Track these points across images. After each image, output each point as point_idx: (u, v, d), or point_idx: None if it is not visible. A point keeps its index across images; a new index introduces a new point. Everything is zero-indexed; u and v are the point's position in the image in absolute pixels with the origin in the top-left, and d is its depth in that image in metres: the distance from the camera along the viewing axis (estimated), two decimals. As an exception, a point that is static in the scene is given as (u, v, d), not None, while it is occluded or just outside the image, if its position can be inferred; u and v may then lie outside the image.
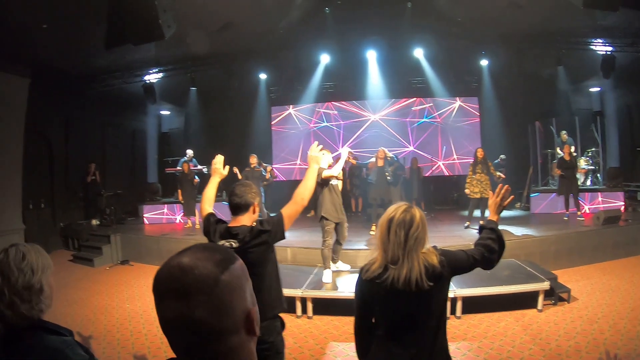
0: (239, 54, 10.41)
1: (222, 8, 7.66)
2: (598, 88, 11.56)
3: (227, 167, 2.71)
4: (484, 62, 11.05)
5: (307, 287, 4.95)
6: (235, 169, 8.13)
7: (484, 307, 4.68)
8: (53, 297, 1.28)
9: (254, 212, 2.30)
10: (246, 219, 2.27)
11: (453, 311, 4.62)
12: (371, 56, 11.10)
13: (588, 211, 8.81)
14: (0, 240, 6.67)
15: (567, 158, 8.16)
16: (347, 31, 9.92)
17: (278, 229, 2.25)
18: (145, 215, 10.21)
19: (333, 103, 12.42)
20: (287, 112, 12.66)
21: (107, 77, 10.10)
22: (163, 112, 13.61)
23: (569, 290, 4.94)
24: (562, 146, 9.09)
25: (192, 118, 12.62)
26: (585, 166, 9.77)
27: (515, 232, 6.82)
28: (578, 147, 9.93)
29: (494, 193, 1.96)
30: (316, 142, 2.60)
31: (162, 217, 10.23)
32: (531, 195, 9.73)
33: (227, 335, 0.72)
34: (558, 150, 9.76)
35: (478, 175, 7.64)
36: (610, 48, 9.20)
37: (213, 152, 2.76)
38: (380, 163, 7.43)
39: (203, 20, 7.78)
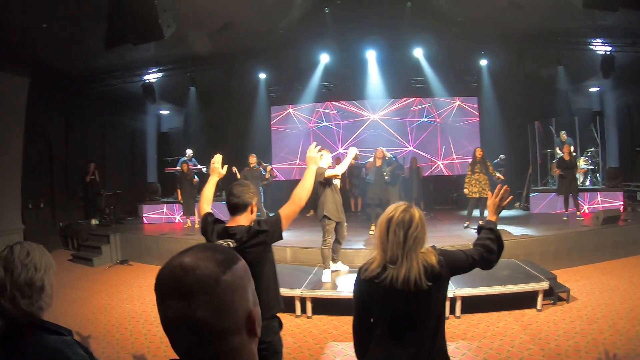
0: (239, 54, 10.41)
1: (222, 8, 7.67)
2: (598, 88, 11.57)
3: (226, 167, 2.71)
4: (484, 62, 11.05)
5: (307, 287, 4.95)
6: (234, 169, 8.13)
7: (484, 307, 4.68)
8: (53, 297, 1.28)
9: (252, 212, 2.30)
10: (244, 219, 2.27)
11: (452, 311, 4.63)
12: (371, 56, 11.11)
13: (587, 211, 8.82)
14: (-1, 239, 6.69)
15: (567, 158, 8.16)
16: (347, 31, 9.93)
17: (276, 229, 2.25)
18: (144, 215, 10.21)
19: (333, 103, 12.42)
20: (287, 112, 12.67)
21: (107, 77, 10.10)
22: (163, 112, 13.61)
23: (569, 290, 4.94)
24: (562, 146, 9.10)
25: (192, 118, 12.62)
26: (584, 166, 9.78)
27: (514, 232, 6.82)
28: (577, 147, 9.94)
29: (493, 193, 1.96)
30: (314, 143, 2.60)
31: (162, 217, 10.24)
32: (530, 195, 9.74)
33: (229, 335, 0.71)
34: (557, 150, 9.77)
35: (477, 175, 7.64)
36: (609, 48, 9.20)
37: (212, 152, 2.76)
38: (378, 163, 7.43)
39: (203, 20, 7.79)
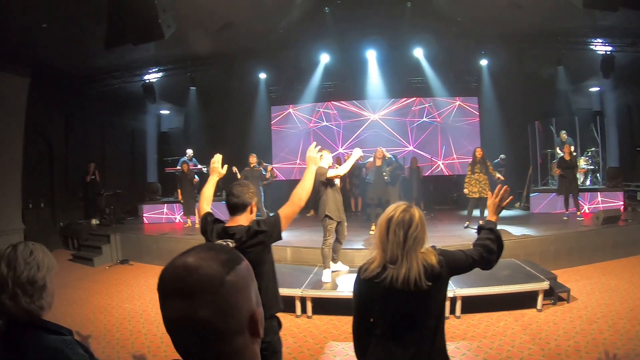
0: (239, 54, 10.41)
1: (222, 8, 7.67)
2: (598, 88, 11.58)
3: (226, 166, 2.71)
4: (484, 62, 11.05)
5: (307, 287, 4.95)
6: (234, 169, 8.14)
7: (484, 307, 4.68)
8: (54, 298, 1.29)
9: (252, 212, 2.31)
10: (243, 219, 2.28)
11: (453, 311, 4.63)
12: (371, 56, 11.11)
13: (587, 211, 8.81)
14: (-1, 239, 6.69)
15: (567, 158, 8.15)
16: (347, 31, 9.93)
17: (275, 230, 2.25)
18: (144, 214, 10.22)
19: (333, 103, 12.42)
20: (287, 112, 12.66)
21: (107, 77, 10.10)
22: (163, 112, 13.62)
23: (569, 290, 4.94)
24: (562, 146, 9.10)
25: (192, 117, 12.62)
26: (584, 166, 9.77)
27: (514, 232, 6.82)
28: (578, 147, 9.93)
29: (493, 193, 1.96)
30: (314, 143, 2.60)
31: (162, 217, 10.24)
32: (531, 195, 9.73)
33: (231, 336, 0.71)
34: (558, 150, 9.77)
35: (477, 175, 7.64)
36: (609, 48, 9.20)
37: (213, 152, 2.76)
38: (378, 163, 7.43)
39: (203, 20, 7.79)
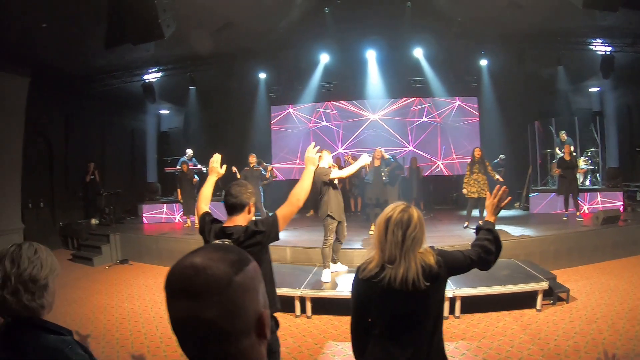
0: (239, 54, 10.40)
1: (222, 8, 7.66)
2: (597, 88, 11.58)
3: (225, 166, 2.71)
4: (484, 62, 11.04)
5: (306, 287, 4.96)
6: (233, 168, 8.14)
7: (483, 307, 4.68)
8: (54, 299, 1.29)
9: (249, 213, 2.31)
10: (241, 219, 2.28)
11: (452, 311, 4.63)
12: (371, 56, 11.11)
13: (587, 211, 8.82)
14: (-1, 239, 6.70)
15: (568, 158, 8.14)
16: (347, 31, 9.92)
17: (272, 230, 2.26)
18: (144, 214, 10.22)
19: (332, 102, 12.43)
20: (287, 112, 12.67)
21: (107, 77, 10.10)
22: (162, 112, 13.61)
23: (568, 290, 4.95)
24: (562, 146, 9.10)
25: (192, 117, 12.63)
26: (584, 166, 9.77)
27: (514, 232, 6.82)
28: (577, 147, 9.94)
29: (492, 193, 1.96)
30: (313, 144, 2.59)
31: (162, 217, 10.24)
32: (530, 195, 9.73)
33: (238, 337, 0.70)
34: (557, 150, 9.77)
35: (475, 175, 7.63)
36: (609, 48, 9.21)
37: (212, 152, 2.76)
38: (377, 163, 7.44)
39: (203, 20, 7.78)
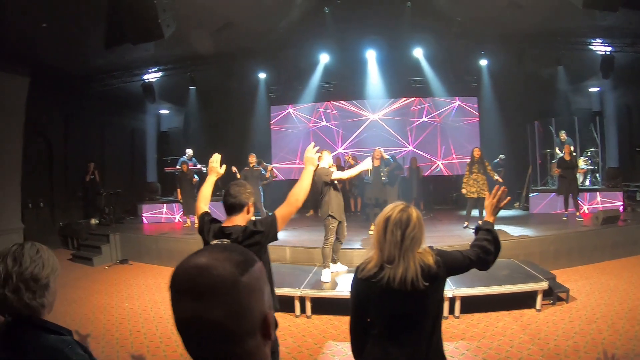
0: (239, 54, 10.40)
1: (222, 8, 7.66)
2: (597, 88, 11.58)
3: (224, 166, 2.71)
4: (484, 62, 11.04)
5: (306, 287, 4.96)
6: (233, 168, 8.14)
7: (483, 307, 4.68)
8: (55, 299, 1.29)
9: (248, 213, 2.31)
10: (240, 219, 2.28)
11: (452, 311, 4.63)
12: (370, 56, 11.11)
13: (587, 211, 8.82)
14: (-1, 239, 6.69)
15: (568, 158, 8.14)
16: (347, 31, 9.92)
17: (271, 230, 2.26)
18: (144, 214, 10.21)
19: (332, 102, 12.43)
20: (287, 112, 12.67)
21: (107, 77, 10.10)
22: (162, 112, 13.62)
23: (568, 290, 4.95)
24: (561, 146, 9.10)
25: (192, 117, 12.63)
26: (584, 166, 9.77)
27: (514, 232, 6.82)
28: (577, 147, 9.94)
29: (491, 193, 1.96)
30: (312, 144, 2.59)
31: (161, 217, 10.24)
32: (530, 195, 9.74)
33: (243, 338, 0.70)
34: (557, 150, 9.78)
35: (474, 175, 7.63)
36: (609, 48, 9.21)
37: (212, 152, 2.76)
38: (376, 163, 7.44)
39: (203, 19, 7.78)
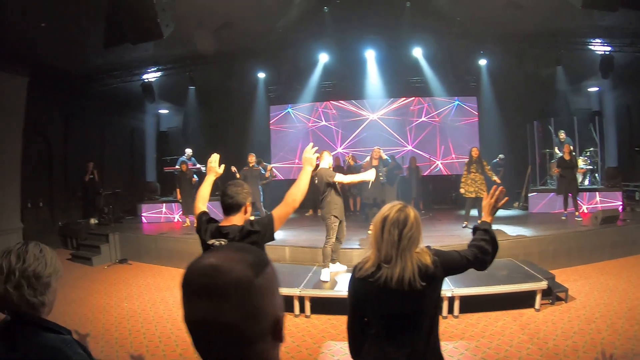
0: (238, 53, 10.40)
1: (221, 7, 7.66)
2: (597, 88, 11.59)
3: (223, 166, 2.71)
4: (483, 62, 11.04)
5: (305, 286, 4.96)
6: (233, 168, 8.13)
7: (482, 307, 4.68)
8: (55, 299, 1.30)
9: (246, 212, 2.31)
10: (237, 219, 2.28)
11: (451, 310, 4.64)
12: (370, 55, 11.11)
13: (586, 211, 8.83)
14: (-2, 239, 6.69)
15: (567, 158, 8.14)
16: (346, 30, 9.92)
17: (268, 230, 2.26)
18: (143, 214, 10.21)
19: (332, 102, 12.44)
20: (286, 111, 12.67)
21: (106, 76, 10.10)
22: (162, 111, 13.62)
23: (567, 289, 4.95)
24: (561, 146, 9.10)
25: (191, 117, 12.62)
26: (583, 166, 9.77)
27: (512, 232, 6.82)
28: (576, 147, 9.96)
29: (489, 193, 1.96)
30: (311, 144, 2.59)
31: (161, 216, 10.23)
32: (529, 194, 9.74)
33: (255, 340, 0.70)
34: (556, 150, 9.78)
35: (472, 174, 7.62)
36: (609, 48, 9.21)
37: (212, 151, 2.76)
38: (375, 163, 7.44)
39: (202, 19, 7.78)
